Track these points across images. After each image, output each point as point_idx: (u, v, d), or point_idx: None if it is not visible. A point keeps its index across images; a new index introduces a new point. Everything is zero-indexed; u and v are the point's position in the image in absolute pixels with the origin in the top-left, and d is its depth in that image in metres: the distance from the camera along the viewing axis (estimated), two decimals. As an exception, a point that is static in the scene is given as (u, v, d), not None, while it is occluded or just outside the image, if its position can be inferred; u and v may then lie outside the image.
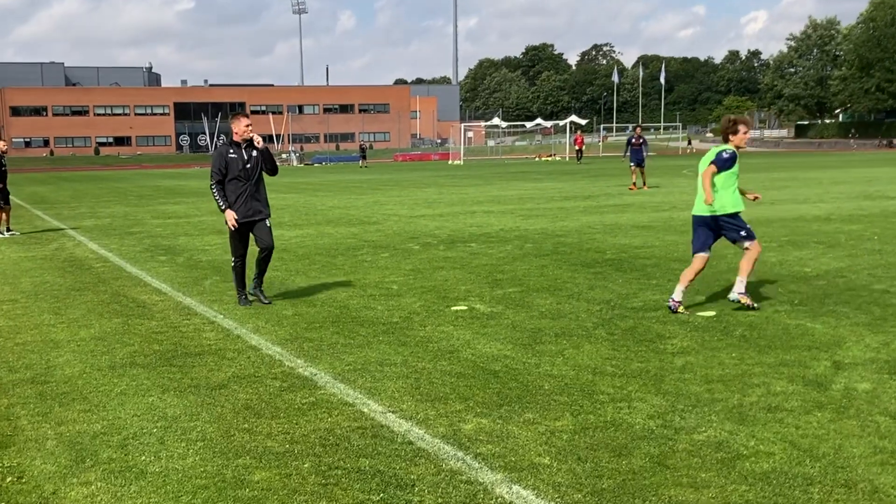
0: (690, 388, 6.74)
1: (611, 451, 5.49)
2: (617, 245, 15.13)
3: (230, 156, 10.17)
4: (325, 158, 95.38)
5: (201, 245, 16.79)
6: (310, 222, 21.06)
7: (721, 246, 14.46)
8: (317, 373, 7.41)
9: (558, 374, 7.17)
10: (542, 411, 6.25)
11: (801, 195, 26.28)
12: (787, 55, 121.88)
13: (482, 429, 5.91)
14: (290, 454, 5.55)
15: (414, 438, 5.76)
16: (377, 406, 6.46)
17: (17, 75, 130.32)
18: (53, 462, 5.50)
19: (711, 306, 9.76)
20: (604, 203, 24.67)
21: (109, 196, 35.58)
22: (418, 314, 9.72)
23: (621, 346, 8.04)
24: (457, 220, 20.86)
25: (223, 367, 7.65)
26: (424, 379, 7.14)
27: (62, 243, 17.86)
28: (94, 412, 6.48)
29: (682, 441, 5.63)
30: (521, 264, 13.18)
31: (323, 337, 8.72)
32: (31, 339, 8.96)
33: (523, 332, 8.68)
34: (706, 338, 8.33)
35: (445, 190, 34.25)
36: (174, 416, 6.35)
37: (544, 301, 10.25)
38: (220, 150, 10.29)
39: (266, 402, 6.64)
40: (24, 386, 7.23)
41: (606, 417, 6.10)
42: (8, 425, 6.24)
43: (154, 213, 25.30)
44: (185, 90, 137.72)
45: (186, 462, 5.45)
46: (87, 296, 11.40)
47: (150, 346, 8.54)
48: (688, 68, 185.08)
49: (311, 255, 14.96)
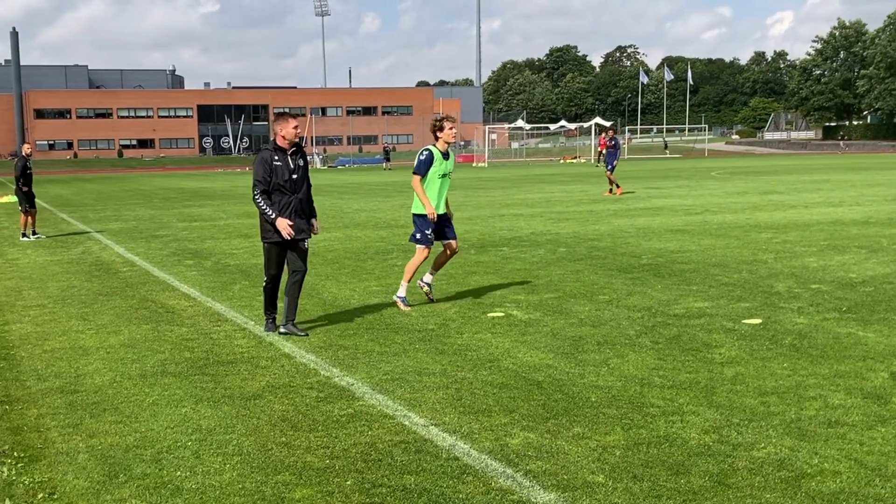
0: (744, 401, 6.46)
1: (667, 468, 5.22)
2: (652, 249, 14.83)
3: (275, 163, 8.82)
4: (348, 160, 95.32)
5: (228, 248, 16.62)
6: (337, 225, 20.87)
7: (761, 254, 14.16)
8: (354, 382, 7.18)
9: (604, 385, 6.90)
10: (592, 425, 5.99)
11: (836, 198, 25.88)
12: (814, 58, 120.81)
13: (530, 444, 5.66)
14: (331, 470, 5.31)
15: (459, 454, 5.51)
16: (418, 419, 6.22)
17: (42, 78, 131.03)
18: (86, 477, 5.29)
19: (758, 314, 9.46)
20: (634, 206, 24.35)
21: (134, 199, 35.55)
22: (454, 321, 9.47)
23: (667, 356, 7.77)
24: (486, 223, 20.61)
25: (257, 377, 7.43)
26: (466, 389, 6.89)
27: (88, 247, 17.74)
28: (126, 424, 6.27)
29: (742, 458, 5.35)
30: (556, 269, 12.91)
31: (358, 345, 8.49)
32: (60, 345, 8.78)
33: (564, 341, 8.41)
34: (755, 347, 8.04)
35: (472, 193, 33.99)
36: (209, 428, 6.13)
37: (583, 308, 9.98)
38: (263, 155, 8.90)
39: (303, 413, 6.41)
40: (54, 395, 7.03)
41: (659, 432, 5.83)
42: (38, 437, 6.03)
43: (179, 216, 25.18)
44: (208, 92, 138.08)
45: (223, 478, 5.23)
46: (114, 301, 11.23)
47: (181, 353, 8.33)
48: (713, 69, 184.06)
49: (341, 259, 14.75)
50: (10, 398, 6.98)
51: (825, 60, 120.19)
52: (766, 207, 23.11)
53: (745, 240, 15.94)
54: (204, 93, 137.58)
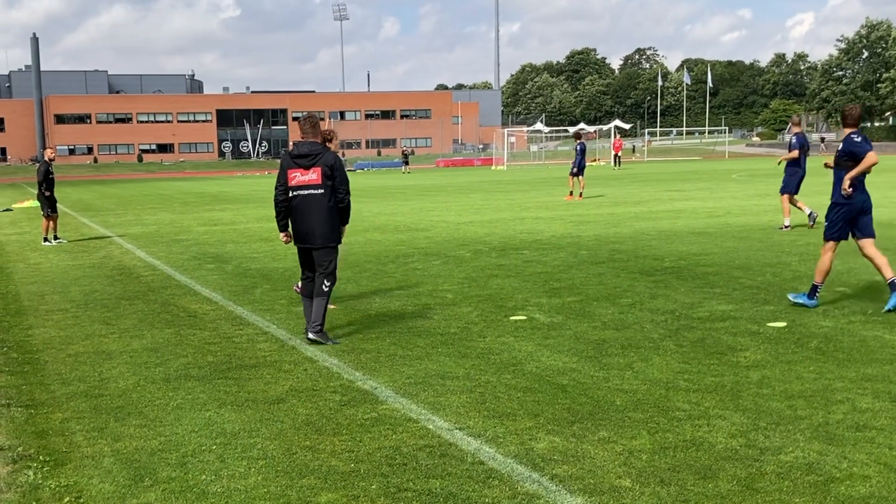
0: (771, 405, 6.41)
1: (695, 472, 5.17)
2: (675, 252, 14.75)
3: None
4: (366, 164, 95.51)
5: (249, 252, 16.64)
6: (357, 229, 20.85)
7: (785, 256, 14.05)
8: (377, 386, 7.16)
9: (629, 389, 6.86)
10: (617, 429, 5.94)
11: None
12: (837, 58, 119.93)
13: (556, 448, 5.62)
14: (356, 474, 5.30)
15: (485, 458, 5.48)
16: (443, 422, 6.19)
17: (62, 83, 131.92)
18: (111, 481, 5.29)
19: (782, 317, 9.38)
20: (655, 209, 24.25)
21: (154, 203, 35.70)
22: (476, 324, 9.44)
23: (692, 359, 7.71)
24: (506, 226, 20.57)
25: (280, 380, 7.43)
26: (489, 393, 6.86)
27: (110, 251, 17.82)
28: (151, 427, 6.28)
29: (769, 462, 5.30)
30: (578, 272, 12.86)
31: (380, 348, 8.47)
32: (83, 349, 8.81)
33: (588, 344, 8.37)
34: (780, 350, 7.97)
35: (492, 196, 33.94)
36: (233, 432, 6.13)
37: (605, 311, 9.93)
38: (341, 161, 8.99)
39: (327, 417, 6.40)
40: (78, 399, 7.05)
41: (686, 436, 5.78)
42: (63, 441, 6.05)
43: (200, 221, 25.25)
44: (227, 97, 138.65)
45: (248, 482, 5.22)
46: (137, 305, 11.26)
47: (204, 357, 8.34)
48: (733, 71, 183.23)
49: (361, 262, 14.74)
50: (34, 402, 7.01)
51: (849, 61, 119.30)
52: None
53: (768, 242, 15.84)
54: (223, 97, 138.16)
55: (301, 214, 8.78)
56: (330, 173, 8.76)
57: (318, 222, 8.77)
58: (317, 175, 8.71)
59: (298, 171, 8.73)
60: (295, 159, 8.76)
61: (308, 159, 8.73)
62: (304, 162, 8.72)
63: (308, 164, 8.72)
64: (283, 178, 8.82)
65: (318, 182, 8.73)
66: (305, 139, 8.88)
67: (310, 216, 8.76)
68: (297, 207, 8.80)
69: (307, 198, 8.74)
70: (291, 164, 8.77)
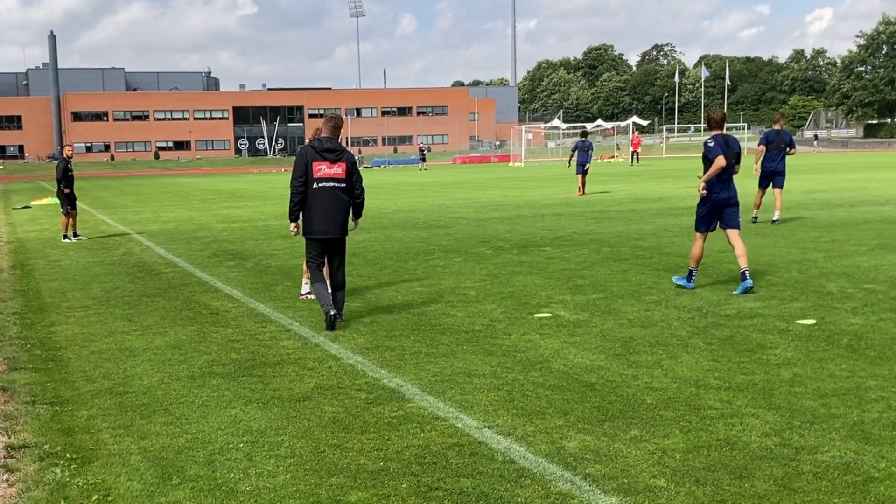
0: (804, 403, 6.31)
1: (730, 472, 5.09)
2: (698, 248, 14.60)
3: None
4: (383, 161, 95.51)
5: (269, 249, 16.61)
6: (376, 226, 20.81)
7: (810, 253, 13.91)
8: (403, 384, 7.09)
9: (659, 387, 6.77)
10: (649, 428, 5.86)
11: (882, 196, 25.46)
12: (857, 54, 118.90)
13: (587, 447, 5.54)
14: (385, 473, 5.23)
15: (516, 457, 5.40)
16: (471, 421, 6.12)
17: (79, 81, 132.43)
18: (139, 479, 5.24)
19: (811, 314, 9.26)
20: (676, 205, 24.09)
21: (172, 200, 35.76)
22: (500, 321, 9.37)
23: (721, 357, 7.61)
24: (526, 222, 20.47)
25: (305, 378, 7.37)
26: (517, 391, 6.78)
27: (129, 248, 17.82)
28: (177, 425, 6.23)
29: (806, 462, 5.21)
30: (601, 269, 12.76)
31: (405, 345, 8.40)
32: (107, 346, 8.78)
33: (615, 342, 8.28)
34: (811, 348, 7.86)
35: (510, 192, 33.84)
36: (259, 429, 6.07)
37: (631, 308, 9.84)
38: (306, 153, 9.33)
39: (354, 415, 6.34)
40: (103, 397, 7.01)
41: (719, 435, 5.69)
42: (90, 439, 6.00)
43: (218, 218, 25.26)
44: (243, 94, 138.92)
45: (277, 480, 5.16)
46: (158, 302, 11.23)
47: (228, 354, 8.29)
48: (751, 68, 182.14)
49: (381, 259, 14.68)
50: (59, 399, 6.97)
51: (870, 56, 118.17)
52: (810, 206, 22.79)
53: (792, 239, 15.69)
54: (239, 94, 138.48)
55: (324, 206, 9.18)
56: (352, 170, 9.26)
57: (340, 214, 9.26)
58: (341, 170, 9.22)
59: (325, 164, 9.14)
60: (322, 153, 9.14)
61: (335, 154, 9.16)
62: (331, 156, 9.16)
63: (334, 159, 9.16)
64: (303, 170, 9.15)
65: (342, 176, 9.22)
66: (326, 135, 9.28)
67: (333, 208, 9.20)
68: (320, 199, 9.17)
69: (332, 190, 9.19)
70: (317, 156, 9.15)
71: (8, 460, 5.65)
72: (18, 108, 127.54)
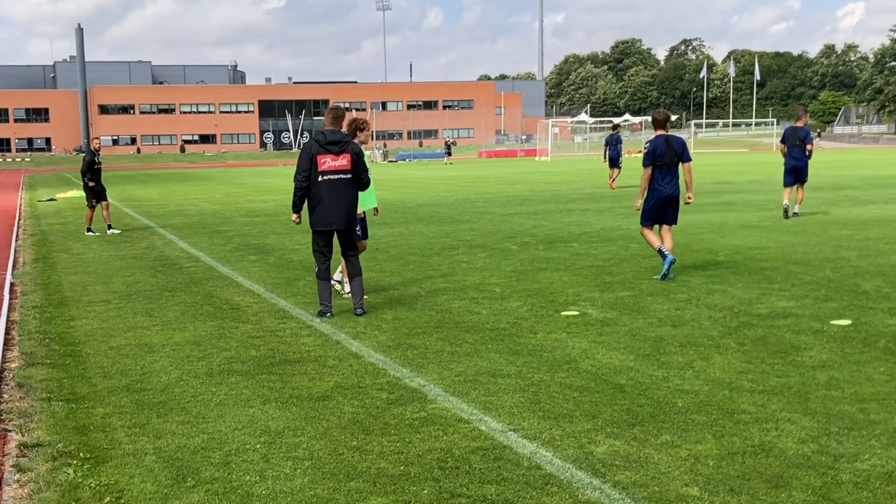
0: (841, 408, 6.06)
1: (765, 481, 4.86)
2: (729, 246, 14.34)
3: None
4: (408, 155, 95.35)
5: (291, 244, 16.47)
6: (399, 220, 20.64)
7: (843, 251, 13.60)
8: (425, 384, 6.90)
9: (691, 390, 6.54)
10: (681, 433, 5.63)
11: (913, 193, 25.04)
12: (890, 47, 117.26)
13: (616, 452, 5.32)
14: (405, 477, 5.04)
15: (542, 462, 5.20)
16: (496, 423, 5.92)
17: (106, 74, 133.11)
18: (153, 480, 5.08)
19: (846, 314, 8.99)
20: (705, 201, 23.73)
21: (196, 193, 35.75)
22: (526, 319, 9.15)
23: (754, 358, 7.37)
24: (553, 218, 20.23)
25: (325, 377, 7.19)
26: (543, 392, 6.57)
27: (152, 242, 17.74)
28: (194, 424, 6.07)
29: (845, 471, 4.97)
30: (629, 266, 12.51)
31: (427, 344, 8.21)
32: (125, 342, 8.64)
33: (644, 341, 8.05)
34: (847, 350, 7.60)
35: (536, 187, 33.58)
36: (277, 430, 5.90)
37: (661, 306, 9.59)
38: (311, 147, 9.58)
39: (374, 416, 6.15)
40: (120, 394, 6.87)
41: (753, 441, 5.46)
42: (104, 437, 5.86)
43: (242, 211, 25.16)
44: (269, 87, 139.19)
45: (294, 484, 4.99)
46: (179, 297, 11.10)
47: (247, 351, 8.14)
48: (780, 63, 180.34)
49: (405, 255, 14.50)
50: (76, 396, 6.84)
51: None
52: (842, 203, 22.39)
53: (825, 236, 15.36)
54: (265, 88, 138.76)
55: (330, 198, 9.29)
56: (357, 160, 9.36)
57: (347, 205, 9.36)
58: (346, 161, 9.30)
59: (329, 157, 9.25)
60: (326, 146, 9.24)
61: (339, 146, 9.28)
62: (335, 149, 9.26)
63: (338, 151, 9.26)
64: (307, 164, 9.26)
65: (347, 167, 9.30)
66: (331, 128, 9.40)
67: (340, 200, 9.31)
68: (326, 191, 9.28)
69: (338, 182, 9.29)
70: (322, 150, 9.26)
71: (21, 459, 5.51)
72: (46, 100, 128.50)
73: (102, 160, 20.68)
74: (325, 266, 9.51)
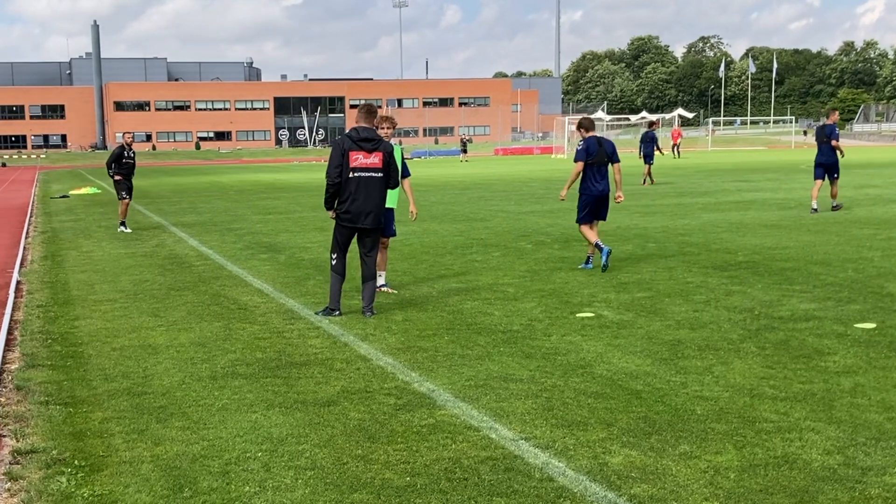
0: (868, 417, 5.79)
1: (789, 495, 4.61)
2: (748, 246, 14.04)
3: None
4: (424, 152, 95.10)
5: (303, 242, 16.27)
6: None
7: (865, 251, 13.30)
8: (434, 389, 6.67)
9: (710, 396, 6.28)
10: (700, 442, 5.38)
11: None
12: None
13: (633, 463, 5.08)
14: (411, 489, 4.81)
15: (554, 473, 4.96)
16: (507, 431, 5.68)
17: (121, 70, 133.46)
18: (148, 491, 4.87)
19: (870, 317, 8.71)
20: (723, 199, 23.43)
21: (210, 191, 35.62)
22: (540, 321, 8.91)
23: (776, 363, 7.10)
24: (569, 216, 19.91)
25: (331, 380, 6.97)
26: (557, 399, 6.33)
27: (162, 240, 17.57)
28: (194, 430, 5.86)
29: (874, 485, 4.72)
30: (646, 266, 12.25)
31: (438, 346, 7.98)
32: (129, 343, 8.45)
33: (661, 345, 7.79)
34: (872, 354, 7.33)
35: (552, 185, 33.28)
36: (280, 437, 5.68)
37: (678, 308, 9.33)
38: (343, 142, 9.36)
39: (381, 423, 5.92)
40: (120, 397, 6.66)
41: (776, 452, 5.20)
42: (101, 444, 5.65)
43: (254, 209, 24.99)
44: (284, 84, 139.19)
45: (295, 495, 4.77)
46: (186, 296, 10.91)
47: (253, 353, 7.93)
48: (799, 60, 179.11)
49: (417, 254, 14.28)
50: (74, 399, 6.64)
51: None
52: (863, 202, 22.03)
53: (846, 236, 15.04)
54: (281, 85, 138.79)
55: (361, 195, 9.17)
56: (388, 160, 9.23)
57: (377, 204, 9.23)
58: (378, 159, 9.18)
59: (361, 154, 9.11)
60: (359, 143, 9.10)
61: (371, 144, 9.16)
62: (368, 146, 9.12)
63: (371, 149, 9.15)
64: (339, 160, 9.11)
65: (379, 166, 9.19)
66: (363, 125, 9.24)
67: (370, 198, 9.17)
68: (356, 189, 9.14)
69: (369, 180, 9.16)
70: (354, 146, 9.11)
71: (13, 467, 5.32)
72: (62, 97, 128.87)
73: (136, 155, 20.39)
74: (341, 260, 9.41)
